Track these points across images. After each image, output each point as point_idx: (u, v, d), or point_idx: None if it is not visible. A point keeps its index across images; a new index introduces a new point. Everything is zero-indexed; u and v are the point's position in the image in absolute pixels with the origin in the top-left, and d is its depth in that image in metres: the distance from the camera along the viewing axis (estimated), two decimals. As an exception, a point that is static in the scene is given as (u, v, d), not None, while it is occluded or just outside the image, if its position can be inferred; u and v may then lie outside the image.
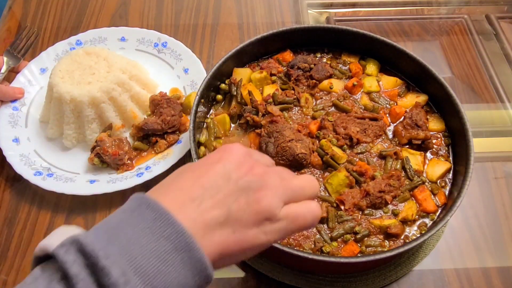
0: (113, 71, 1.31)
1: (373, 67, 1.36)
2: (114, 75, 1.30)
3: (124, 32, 1.53)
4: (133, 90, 1.35)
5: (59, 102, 1.29)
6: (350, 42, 1.37)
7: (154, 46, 1.50)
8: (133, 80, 1.37)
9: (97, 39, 1.53)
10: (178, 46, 1.50)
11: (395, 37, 1.67)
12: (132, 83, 1.35)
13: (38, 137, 1.36)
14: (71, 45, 1.51)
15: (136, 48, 1.51)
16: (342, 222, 1.09)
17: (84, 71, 1.31)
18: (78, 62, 1.33)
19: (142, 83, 1.40)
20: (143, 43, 1.51)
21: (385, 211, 1.11)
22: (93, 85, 1.28)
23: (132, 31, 1.53)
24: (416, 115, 1.22)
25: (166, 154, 1.28)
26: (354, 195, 1.11)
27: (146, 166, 1.26)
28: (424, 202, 1.11)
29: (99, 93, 1.26)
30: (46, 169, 1.27)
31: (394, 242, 1.07)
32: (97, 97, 1.26)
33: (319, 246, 1.05)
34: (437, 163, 1.18)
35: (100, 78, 1.29)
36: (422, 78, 1.29)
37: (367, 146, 1.21)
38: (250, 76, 1.33)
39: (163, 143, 1.29)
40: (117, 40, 1.52)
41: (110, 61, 1.33)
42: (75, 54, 1.35)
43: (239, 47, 1.29)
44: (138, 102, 1.37)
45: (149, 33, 1.52)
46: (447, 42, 1.66)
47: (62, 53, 1.50)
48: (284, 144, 1.14)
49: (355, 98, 1.32)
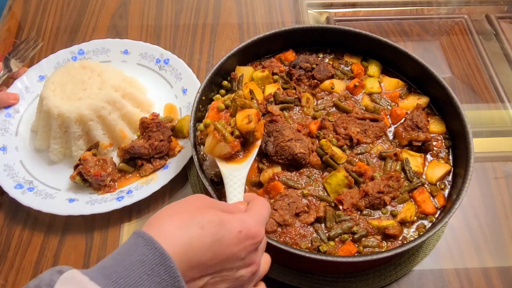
0: (105, 88, 1.28)
1: (375, 68, 1.37)
2: (106, 93, 1.27)
3: (128, 45, 1.51)
4: (125, 109, 1.31)
5: (47, 115, 1.24)
6: (353, 42, 1.37)
7: (156, 62, 1.48)
8: (127, 98, 1.33)
9: (100, 50, 1.51)
10: (179, 64, 1.47)
11: (395, 37, 1.67)
12: (124, 102, 1.31)
13: (26, 147, 1.33)
14: (73, 53, 1.50)
15: (138, 62, 1.49)
16: (340, 222, 1.09)
17: (76, 86, 1.28)
18: (71, 75, 1.31)
19: (137, 101, 1.36)
20: (145, 57, 1.49)
21: (383, 212, 1.11)
22: (83, 102, 1.24)
23: (136, 45, 1.51)
24: (417, 117, 1.23)
25: (151, 178, 1.24)
26: (353, 195, 1.12)
27: (128, 190, 1.22)
28: (423, 204, 1.12)
29: (87, 110, 1.23)
30: (28, 182, 1.25)
31: (392, 243, 1.07)
32: (85, 115, 1.23)
33: (316, 245, 1.05)
34: (437, 165, 1.19)
35: (91, 95, 1.26)
36: (424, 80, 1.29)
37: (367, 146, 1.21)
38: (252, 75, 1.33)
39: (149, 167, 1.25)
40: (120, 53, 1.51)
41: (104, 77, 1.30)
42: (70, 66, 1.33)
43: (242, 45, 1.30)
44: (129, 121, 1.34)
45: (152, 48, 1.50)
46: (447, 42, 1.67)
47: (63, 61, 1.48)
48: (283, 144, 1.15)
49: (356, 99, 1.32)
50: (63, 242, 1.21)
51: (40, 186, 1.25)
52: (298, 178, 1.16)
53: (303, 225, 1.08)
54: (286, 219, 1.06)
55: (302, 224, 1.08)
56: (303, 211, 1.08)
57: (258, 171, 1.18)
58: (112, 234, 1.22)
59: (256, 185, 1.16)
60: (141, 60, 1.49)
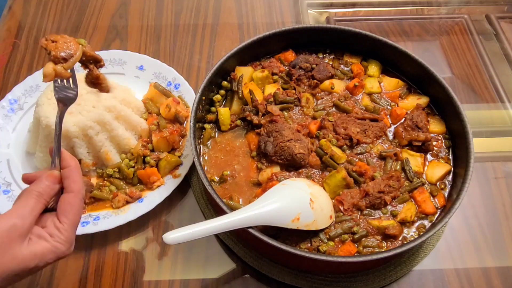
0: (98, 107, 1.25)
1: (375, 68, 1.37)
2: (97, 113, 1.23)
3: (145, 61, 1.49)
4: (115, 132, 1.27)
5: (37, 122, 1.23)
6: (353, 42, 1.37)
7: (167, 85, 1.44)
8: (120, 120, 1.29)
9: (117, 61, 1.50)
10: (189, 92, 1.42)
11: (395, 37, 1.67)
12: (116, 124, 1.27)
13: (19, 146, 1.32)
14: None
15: (150, 80, 1.46)
16: (340, 222, 1.10)
17: None
18: None
19: (131, 124, 1.32)
20: (158, 77, 1.46)
21: (384, 212, 1.12)
22: (72, 117, 1.21)
23: (152, 63, 1.48)
24: (417, 117, 1.23)
25: (123, 209, 1.20)
26: (353, 195, 1.12)
27: (96, 216, 1.20)
28: (423, 204, 1.12)
29: (74, 127, 1.21)
30: (7, 184, 1.23)
31: (392, 243, 1.08)
32: (70, 131, 1.21)
33: (316, 245, 1.06)
34: (437, 165, 1.19)
35: (83, 112, 1.23)
36: (424, 80, 1.30)
37: (367, 146, 1.22)
38: (252, 75, 1.34)
39: (122, 199, 1.22)
40: (135, 68, 1.49)
41: (101, 96, 1.26)
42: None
43: (242, 45, 1.30)
44: (118, 144, 1.30)
45: (168, 70, 1.46)
46: (447, 42, 1.67)
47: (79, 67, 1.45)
48: (282, 144, 1.15)
49: (356, 99, 1.32)
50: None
51: (16, 191, 1.22)
52: (297, 178, 1.16)
53: (303, 225, 1.08)
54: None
55: (302, 224, 1.08)
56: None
57: (257, 170, 1.19)
58: (75, 262, 1.17)
59: (255, 184, 1.17)
60: (153, 79, 1.46)
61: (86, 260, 1.18)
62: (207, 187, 1.04)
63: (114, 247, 1.20)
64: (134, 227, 1.22)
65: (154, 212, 1.22)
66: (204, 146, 1.25)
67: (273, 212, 0.99)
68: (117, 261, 1.18)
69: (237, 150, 1.24)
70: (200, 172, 1.06)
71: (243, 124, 1.28)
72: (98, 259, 1.18)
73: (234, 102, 1.30)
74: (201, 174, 1.06)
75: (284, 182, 1.09)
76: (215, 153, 1.24)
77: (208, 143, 1.25)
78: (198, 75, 1.55)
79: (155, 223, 1.24)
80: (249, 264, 1.14)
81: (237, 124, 1.27)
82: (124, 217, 1.18)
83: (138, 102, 1.38)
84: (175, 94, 1.41)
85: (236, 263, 1.17)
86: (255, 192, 1.16)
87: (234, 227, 0.95)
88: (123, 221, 1.17)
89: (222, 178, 1.18)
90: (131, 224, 1.20)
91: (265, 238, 0.96)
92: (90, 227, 1.16)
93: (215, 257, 1.18)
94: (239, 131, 1.27)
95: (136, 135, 1.33)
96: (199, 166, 1.06)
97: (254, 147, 1.22)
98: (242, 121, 1.27)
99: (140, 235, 1.22)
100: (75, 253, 1.19)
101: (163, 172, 1.26)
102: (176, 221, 1.24)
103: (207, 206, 1.22)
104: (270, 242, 0.95)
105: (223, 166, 1.21)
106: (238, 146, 1.25)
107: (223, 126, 1.26)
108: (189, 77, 1.53)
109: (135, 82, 1.45)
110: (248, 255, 1.14)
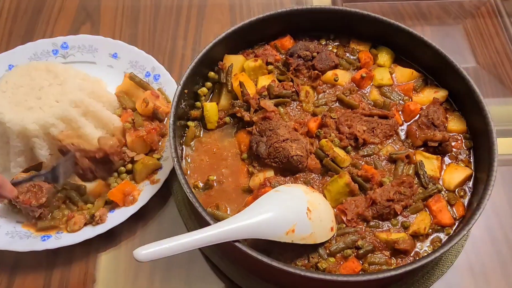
0: (62, 102, 1.24)
1: (386, 56, 1.39)
2: (61, 108, 1.22)
3: (119, 47, 1.50)
4: (82, 130, 1.26)
5: None
6: (360, 27, 1.39)
7: (145, 76, 1.46)
8: (89, 117, 1.29)
9: (87, 48, 1.51)
10: (171, 84, 1.43)
11: (411, 20, 1.69)
12: (83, 121, 1.27)
13: None
14: (55, 46, 1.50)
15: (125, 70, 1.47)
16: (342, 234, 1.11)
17: (31, 91, 1.25)
18: (31, 78, 1.27)
19: (101, 122, 1.32)
20: (135, 67, 1.47)
21: (393, 223, 1.14)
22: (32, 113, 1.20)
23: (128, 50, 1.49)
24: (433, 113, 1.25)
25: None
26: (358, 204, 1.14)
27: (59, 230, 1.20)
28: (439, 214, 1.14)
29: (33, 125, 1.20)
30: None
31: (402, 259, 1.10)
32: (29, 130, 1.20)
33: (314, 262, 1.08)
34: (455, 169, 1.21)
35: (44, 107, 1.22)
36: (442, 70, 1.31)
37: (375, 147, 1.23)
38: (243, 65, 1.35)
39: (79, 221, 1.20)
40: (108, 55, 1.50)
41: (66, 88, 1.26)
42: (33, 66, 1.30)
43: (231, 29, 1.32)
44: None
45: (146, 58, 1.48)
46: (472, 26, 1.69)
47: (41, 53, 1.48)
48: (277, 145, 1.17)
49: (363, 92, 1.34)
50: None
51: None
52: (293, 183, 1.18)
53: (299, 238, 1.10)
54: (280, 231, 1.08)
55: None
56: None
57: (248, 175, 1.21)
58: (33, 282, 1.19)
59: (245, 191, 1.19)
60: (129, 69, 1.47)
61: (47, 280, 1.20)
62: (188, 194, 1.05)
63: (81, 265, 1.22)
64: (104, 242, 1.24)
65: (127, 223, 1.23)
66: (187, 147, 1.27)
67: (264, 223, 1.01)
68: (83, 282, 1.20)
69: (225, 152, 1.26)
70: (181, 177, 1.08)
71: (233, 121, 1.30)
72: (61, 279, 1.20)
73: (222, 96, 1.32)
74: (182, 180, 1.07)
75: (277, 188, 1.11)
76: (200, 155, 1.26)
77: (192, 143, 1.27)
78: (181, 64, 1.57)
79: (128, 236, 1.26)
80: (237, 283, 1.16)
81: (226, 122, 1.29)
82: (92, 230, 1.19)
83: (110, 95, 1.39)
84: (154, 87, 1.42)
85: (224, 282, 1.19)
86: (245, 200, 1.18)
87: (218, 240, 0.96)
88: (91, 235, 1.18)
89: (207, 184, 1.20)
90: (101, 238, 1.21)
91: (255, 254, 0.97)
92: (52, 241, 1.17)
93: (199, 276, 1.20)
94: (228, 130, 1.29)
95: (107, 134, 1.34)
96: (179, 170, 1.08)
97: (244, 148, 1.24)
98: (231, 118, 1.30)
99: (111, 250, 1.24)
100: (34, 271, 1.21)
101: (139, 177, 1.27)
102: (153, 234, 1.26)
103: (190, 216, 1.24)
104: (261, 258, 0.97)
105: (209, 170, 1.23)
106: (226, 147, 1.27)
107: (209, 124, 1.28)
108: (171, 67, 1.55)
109: (108, 73, 1.47)
110: (236, 273, 1.16)
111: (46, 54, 1.49)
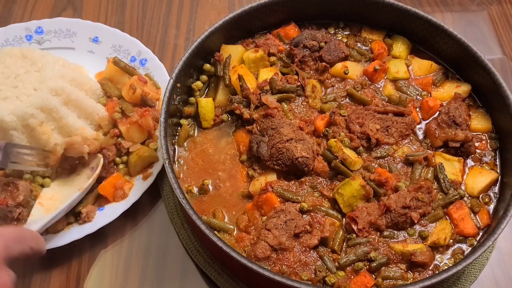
0: (41, 90, 1.24)
1: (401, 47, 1.39)
2: (40, 97, 1.23)
3: (100, 31, 1.51)
4: (64, 120, 1.27)
5: None
6: (373, 14, 1.40)
7: (130, 61, 1.47)
8: (71, 106, 1.30)
9: (64, 32, 1.52)
10: (159, 69, 1.45)
11: (431, 6, 1.69)
12: (64, 110, 1.28)
13: None
14: (28, 31, 1.51)
15: (107, 55, 1.48)
16: (353, 245, 1.12)
17: (7, 80, 1.26)
18: (5, 65, 1.28)
19: (85, 111, 1.33)
20: (118, 52, 1.49)
21: (410, 233, 1.14)
22: (8, 104, 1.20)
23: (110, 33, 1.51)
24: (454, 110, 1.25)
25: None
26: (370, 211, 1.14)
27: None
28: (461, 223, 1.14)
29: (10, 116, 1.20)
30: None
31: (420, 273, 1.10)
32: (6, 121, 1.20)
33: (321, 276, 1.08)
34: (479, 173, 1.21)
35: (21, 96, 1.23)
36: (464, 63, 1.32)
37: (389, 148, 1.24)
38: (243, 56, 1.36)
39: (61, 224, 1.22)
40: (89, 40, 1.51)
41: (44, 75, 1.26)
42: (7, 52, 1.31)
43: (229, 17, 1.32)
44: (69, 135, 1.29)
45: (131, 42, 1.49)
46: (498, 13, 1.69)
47: (13, 40, 1.49)
48: (280, 145, 1.17)
49: (376, 86, 1.35)
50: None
51: None
52: (298, 188, 1.18)
53: (304, 249, 1.10)
54: (283, 241, 1.09)
55: (303, 248, 1.10)
56: (304, 230, 1.11)
57: (247, 179, 1.21)
58: None
59: (245, 197, 1.19)
60: (112, 54, 1.48)
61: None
62: (181, 200, 1.05)
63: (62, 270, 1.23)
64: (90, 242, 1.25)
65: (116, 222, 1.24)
66: (180, 147, 1.27)
67: None
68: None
69: (222, 153, 1.26)
70: (173, 181, 1.08)
71: (231, 119, 1.30)
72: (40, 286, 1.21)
73: (219, 91, 1.32)
74: (174, 184, 1.07)
75: None
76: (194, 156, 1.26)
77: (185, 144, 1.28)
78: (174, 55, 1.58)
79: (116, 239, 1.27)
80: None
81: (223, 120, 1.30)
82: (80, 230, 1.21)
83: (93, 82, 1.40)
84: (141, 72, 1.44)
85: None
86: (244, 207, 1.18)
87: None
88: (78, 236, 1.20)
89: (202, 188, 1.21)
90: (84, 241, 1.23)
91: (255, 267, 0.98)
92: None
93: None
94: (225, 129, 1.30)
95: (92, 124, 1.35)
96: (171, 173, 1.08)
97: (244, 149, 1.25)
98: (229, 116, 1.30)
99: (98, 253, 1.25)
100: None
101: (134, 169, 1.28)
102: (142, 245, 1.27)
103: (183, 225, 1.25)
104: (263, 272, 0.97)
105: (204, 173, 1.24)
106: (223, 148, 1.27)
107: (204, 122, 1.29)
108: (162, 58, 1.57)
109: (89, 58, 1.48)
110: (234, 288, 1.17)
111: (19, 40, 1.50)
